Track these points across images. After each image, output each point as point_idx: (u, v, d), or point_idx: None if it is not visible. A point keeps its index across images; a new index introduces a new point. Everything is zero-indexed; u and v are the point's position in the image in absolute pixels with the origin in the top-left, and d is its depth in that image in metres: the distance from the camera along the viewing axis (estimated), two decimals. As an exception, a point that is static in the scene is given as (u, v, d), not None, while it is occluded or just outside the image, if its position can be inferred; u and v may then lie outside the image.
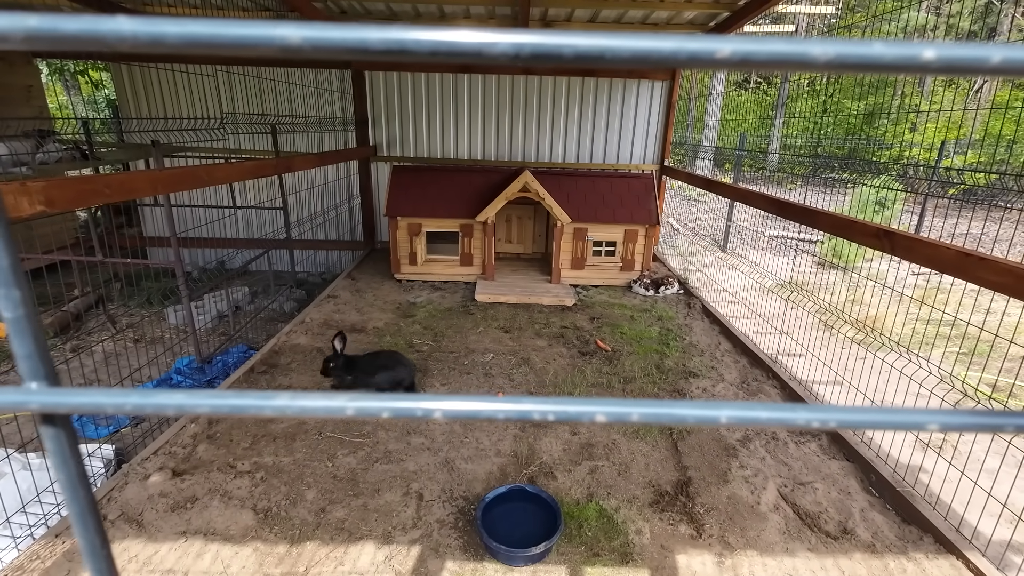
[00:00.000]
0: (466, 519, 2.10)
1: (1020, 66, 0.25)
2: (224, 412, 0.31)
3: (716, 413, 0.31)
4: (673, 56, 0.26)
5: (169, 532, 1.99)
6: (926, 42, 0.26)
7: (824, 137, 13.45)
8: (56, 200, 1.77)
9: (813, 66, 0.26)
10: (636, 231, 4.92)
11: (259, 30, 0.26)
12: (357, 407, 0.31)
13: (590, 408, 0.30)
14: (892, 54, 0.26)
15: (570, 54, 0.26)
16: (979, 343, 4.53)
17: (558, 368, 3.43)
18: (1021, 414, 0.30)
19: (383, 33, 0.26)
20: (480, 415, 0.31)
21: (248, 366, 3.29)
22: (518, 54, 0.26)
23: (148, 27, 0.25)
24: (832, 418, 0.31)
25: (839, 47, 0.26)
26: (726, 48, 0.26)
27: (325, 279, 6.26)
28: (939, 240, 2.01)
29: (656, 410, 0.30)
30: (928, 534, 2.09)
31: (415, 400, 0.32)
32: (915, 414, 0.32)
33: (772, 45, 0.26)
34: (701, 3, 4.34)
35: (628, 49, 0.26)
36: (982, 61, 0.26)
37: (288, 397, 0.31)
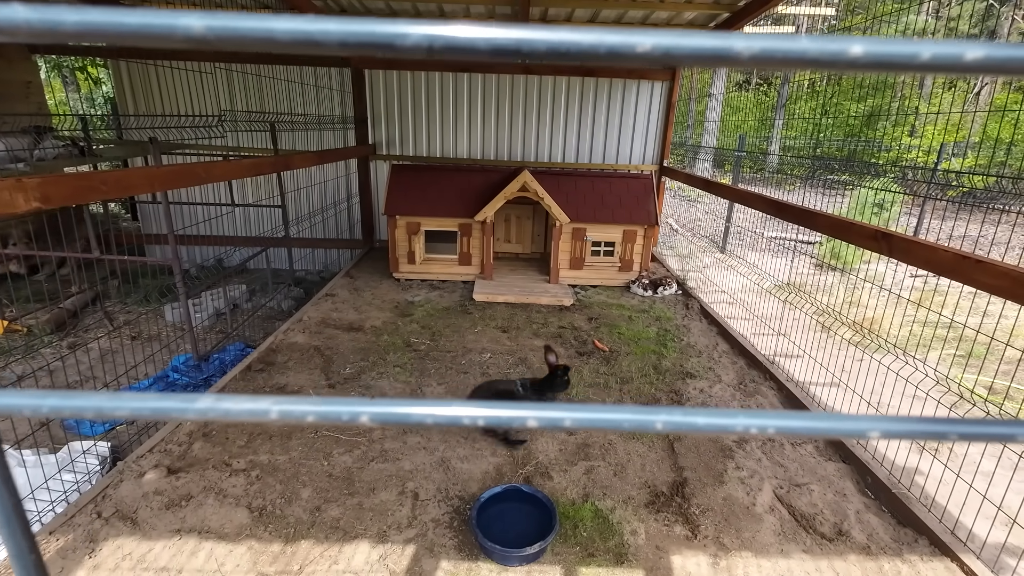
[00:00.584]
0: (461, 519, 2.10)
1: (950, 63, 0.25)
2: (145, 416, 0.30)
3: (652, 418, 0.31)
4: (593, 50, 0.26)
5: (164, 530, 1.98)
6: (854, 37, 0.25)
7: (824, 139, 13.46)
8: (52, 197, 1.77)
9: (738, 61, 0.26)
10: (635, 231, 4.92)
11: (161, 19, 0.25)
12: (280, 410, 0.31)
13: (519, 413, 0.30)
14: (817, 49, 0.25)
15: (485, 48, 0.26)
16: (976, 345, 4.54)
17: (555, 368, 3.43)
18: (966, 422, 0.30)
19: (289, 23, 0.25)
20: (409, 420, 0.31)
21: (245, 364, 3.29)
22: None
23: (45, 15, 0.24)
24: (771, 424, 0.31)
25: (764, 42, 0.25)
26: (647, 42, 0.26)
27: (323, 277, 6.25)
28: (936, 243, 2.01)
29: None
30: (923, 536, 2.09)
31: (340, 404, 0.31)
32: (858, 421, 0.31)
33: (696, 40, 0.26)
34: (701, 4, 4.34)
35: (545, 42, 0.26)
36: (911, 58, 0.25)
37: (212, 400, 0.31)
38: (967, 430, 0.31)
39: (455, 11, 4.79)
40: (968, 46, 0.25)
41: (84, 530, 1.96)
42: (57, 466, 2.58)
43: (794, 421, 0.31)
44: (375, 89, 6.04)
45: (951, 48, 0.25)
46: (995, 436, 0.31)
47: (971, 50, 0.25)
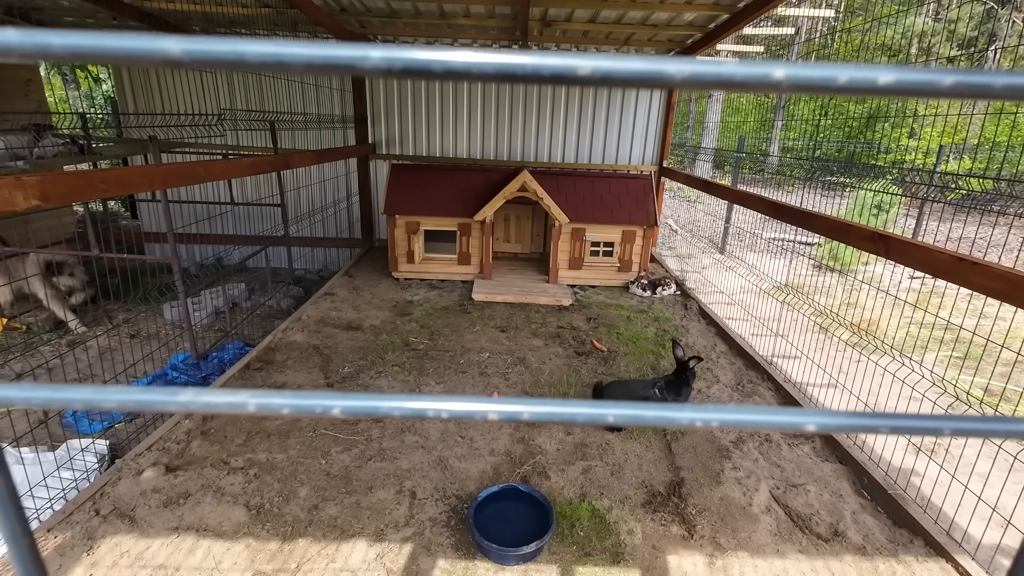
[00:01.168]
0: (458, 518, 2.11)
1: (865, 86, 0.27)
2: (131, 407, 0.31)
3: (604, 412, 0.32)
4: (536, 72, 0.28)
5: (161, 528, 1.99)
6: (776, 63, 0.27)
7: (823, 140, 13.47)
8: (51, 195, 1.77)
9: (671, 83, 0.27)
10: (634, 232, 4.92)
11: (142, 43, 0.26)
12: (258, 403, 0.32)
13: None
14: (744, 73, 0.27)
15: (439, 70, 0.28)
16: (973, 347, 4.55)
17: (554, 368, 3.44)
18: (894, 416, 0.31)
19: (260, 47, 0.27)
20: (378, 412, 0.32)
21: (244, 363, 3.29)
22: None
23: (33, 39, 0.26)
24: (714, 418, 0.32)
25: (694, 67, 0.27)
26: (587, 65, 0.27)
27: (322, 276, 6.26)
28: (933, 244, 2.02)
29: (546, 409, 0.31)
30: (919, 537, 2.10)
31: (313, 397, 0.32)
32: (797, 415, 0.33)
33: (631, 64, 0.27)
34: (700, 5, 4.34)
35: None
36: (829, 81, 0.27)
37: (193, 393, 0.32)
38: (896, 424, 0.32)
39: (455, 11, 4.80)
40: (881, 71, 0.27)
41: (82, 528, 1.97)
42: (56, 464, 2.59)
43: (734, 415, 0.32)
44: (375, 89, 6.04)
45: (865, 73, 0.27)
46: (920, 429, 0.32)
47: (883, 75, 0.27)
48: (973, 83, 0.27)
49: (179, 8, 4.74)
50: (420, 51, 0.28)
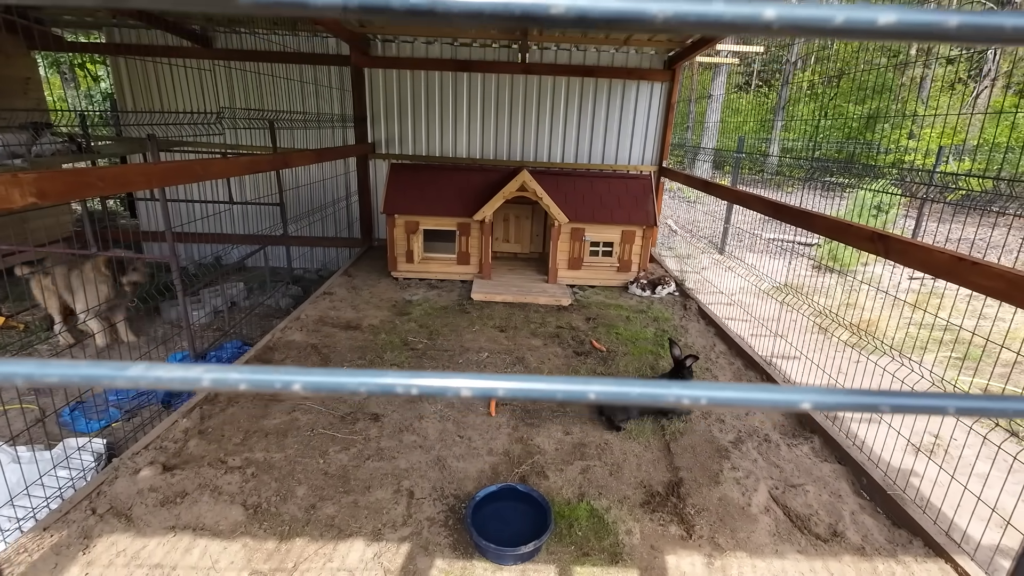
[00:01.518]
0: (456, 517, 2.10)
1: (864, 27, 0.25)
2: (75, 382, 0.30)
3: (584, 388, 0.31)
4: (507, 11, 0.27)
5: (158, 527, 1.98)
6: (768, 2, 0.26)
7: (823, 141, 13.47)
8: (48, 192, 1.76)
9: (652, 24, 0.26)
10: (633, 232, 4.92)
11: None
12: (213, 378, 0.31)
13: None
14: (733, 13, 0.26)
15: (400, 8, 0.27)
16: (972, 348, 4.55)
17: (553, 368, 3.43)
18: (895, 394, 0.31)
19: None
20: (344, 388, 0.31)
21: (242, 362, 3.28)
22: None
23: None
24: (703, 395, 0.32)
25: (677, 6, 0.26)
26: (561, 4, 0.26)
27: (321, 276, 6.25)
28: (932, 244, 2.02)
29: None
30: (918, 537, 2.10)
31: (272, 372, 0.32)
32: (792, 392, 0.32)
33: (609, 3, 0.26)
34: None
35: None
36: (825, 22, 0.26)
37: (143, 368, 0.31)
38: (897, 402, 0.31)
39: None
40: (881, 11, 0.26)
41: (79, 526, 1.96)
42: (52, 462, 2.58)
43: (725, 392, 0.32)
44: (375, 88, 6.03)
45: (863, 13, 0.26)
46: (923, 408, 0.31)
47: (884, 15, 0.26)
48: (981, 25, 0.25)
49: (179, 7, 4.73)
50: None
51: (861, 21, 0.25)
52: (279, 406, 2.82)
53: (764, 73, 25.12)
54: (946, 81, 17.07)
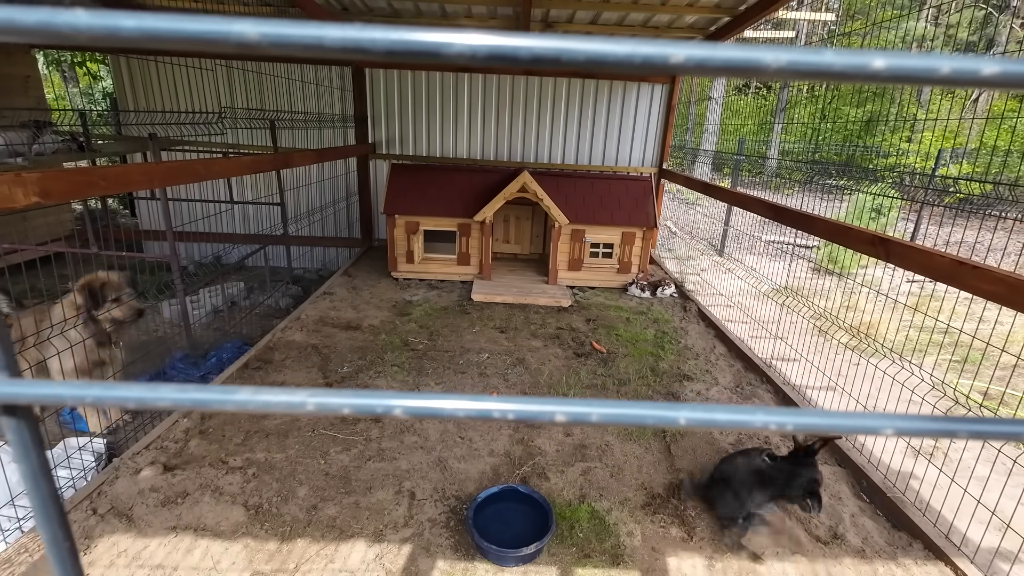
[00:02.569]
0: (458, 518, 2.10)
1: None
2: (187, 406, 0.31)
3: (674, 415, 0.31)
4: (628, 59, 0.27)
5: (159, 527, 1.98)
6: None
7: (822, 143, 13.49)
8: (51, 192, 1.76)
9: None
10: (633, 233, 4.93)
11: (215, 26, 0.26)
12: (317, 403, 0.31)
13: (549, 408, 0.31)
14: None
15: (526, 56, 0.27)
16: (971, 351, 4.56)
17: (553, 369, 3.44)
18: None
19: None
20: (442, 413, 0.31)
21: (242, 362, 3.28)
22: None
23: (104, 21, 0.25)
24: (789, 420, 0.32)
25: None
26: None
27: (322, 276, 6.25)
28: (933, 248, 2.03)
29: (614, 411, 0.31)
30: (918, 540, 2.10)
31: (373, 396, 0.32)
32: (871, 419, 0.32)
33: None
34: (702, 7, 4.35)
35: (584, 52, 0.27)
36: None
37: (250, 392, 0.31)
38: (975, 428, 0.31)
39: (456, 11, 4.80)
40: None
41: (79, 527, 1.96)
42: (52, 462, 2.57)
43: (807, 418, 0.32)
44: (375, 88, 6.04)
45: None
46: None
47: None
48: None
49: (180, 6, 4.73)
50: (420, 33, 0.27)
51: (966, 71, 0.26)
52: (280, 406, 2.82)
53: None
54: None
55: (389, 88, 6.05)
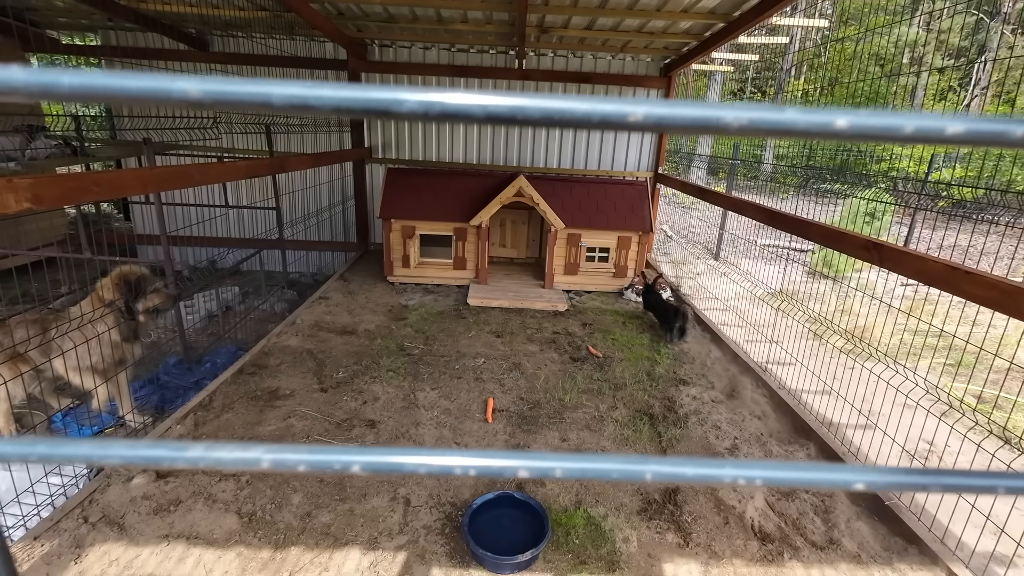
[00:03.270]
0: (453, 525, 2.09)
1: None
2: (139, 463, 0.30)
3: (641, 468, 0.31)
4: (587, 117, 0.27)
5: (151, 535, 1.96)
6: (839, 109, 0.27)
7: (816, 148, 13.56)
8: (44, 197, 1.75)
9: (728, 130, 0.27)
10: (629, 238, 4.94)
11: (157, 83, 0.26)
12: (272, 459, 0.31)
13: (513, 463, 0.30)
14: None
15: (480, 114, 0.28)
16: (965, 355, 4.58)
17: (549, 373, 3.43)
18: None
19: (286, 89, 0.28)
20: (403, 468, 0.31)
21: (237, 367, 3.26)
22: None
23: (41, 77, 0.25)
24: (759, 475, 0.32)
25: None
26: (639, 111, 0.27)
27: (317, 280, 6.23)
28: (927, 253, 2.04)
29: (580, 465, 0.31)
30: (913, 545, 2.11)
31: (330, 453, 0.32)
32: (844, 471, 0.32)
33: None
34: (697, 13, 4.38)
35: (540, 109, 0.27)
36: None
37: (203, 448, 0.31)
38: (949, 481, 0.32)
39: (452, 16, 4.81)
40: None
41: (70, 535, 1.94)
42: (44, 470, 2.55)
43: (780, 472, 0.32)
44: (372, 92, 6.03)
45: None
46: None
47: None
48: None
49: (175, 10, 4.73)
50: (457, 94, 0.28)
51: (930, 129, 0.26)
52: (274, 412, 2.80)
53: (758, 80, 25.34)
54: (938, 89, 17.28)
55: (385, 92, 6.05)
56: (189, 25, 5.55)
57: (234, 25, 5.43)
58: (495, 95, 0.27)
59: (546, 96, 0.27)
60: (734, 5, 4.16)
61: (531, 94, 0.28)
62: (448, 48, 5.96)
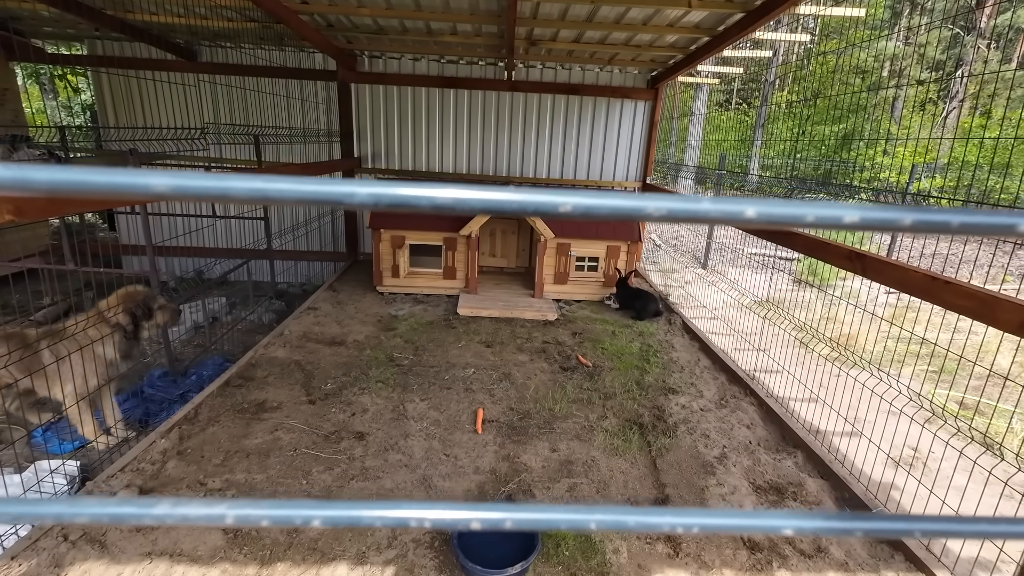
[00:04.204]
0: (442, 539, 2.07)
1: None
2: (106, 521, 0.31)
3: (587, 517, 0.33)
4: (522, 208, 0.32)
5: (133, 553, 1.92)
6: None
7: (801, 158, 13.83)
8: (26, 210, 1.73)
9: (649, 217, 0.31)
10: (618, 247, 4.97)
11: (127, 179, 0.27)
12: (236, 515, 0.32)
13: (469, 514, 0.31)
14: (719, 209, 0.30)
15: (427, 205, 0.33)
16: (947, 361, 4.66)
17: (539, 383, 3.43)
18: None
19: (245, 183, 0.29)
20: (361, 522, 0.31)
21: (223, 379, 3.22)
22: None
23: (16, 174, 0.26)
24: (696, 523, 0.34)
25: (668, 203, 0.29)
26: (569, 202, 0.29)
27: (306, 290, 6.18)
28: (908, 264, 2.08)
29: (528, 515, 0.32)
30: (899, 552, 2.13)
31: (292, 507, 0.32)
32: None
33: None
34: (682, 27, 4.46)
35: (480, 200, 0.32)
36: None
37: (169, 505, 0.31)
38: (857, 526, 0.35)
39: (442, 28, 4.85)
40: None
41: (49, 554, 1.89)
42: (23, 486, 2.49)
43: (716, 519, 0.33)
44: (361, 103, 6.05)
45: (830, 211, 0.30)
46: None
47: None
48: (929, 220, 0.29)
49: (163, 21, 4.71)
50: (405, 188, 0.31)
51: (828, 218, 0.29)
52: (261, 425, 2.77)
53: (743, 92, 25.80)
54: (917, 101, 17.72)
55: (375, 102, 6.07)
56: (177, 36, 5.54)
57: (223, 36, 5.42)
58: (439, 188, 0.31)
59: (483, 189, 0.30)
60: (718, 20, 4.24)
61: (472, 186, 0.31)
62: (438, 59, 6.00)
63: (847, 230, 0.29)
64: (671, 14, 4.17)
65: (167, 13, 4.52)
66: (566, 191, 0.30)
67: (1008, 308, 1.62)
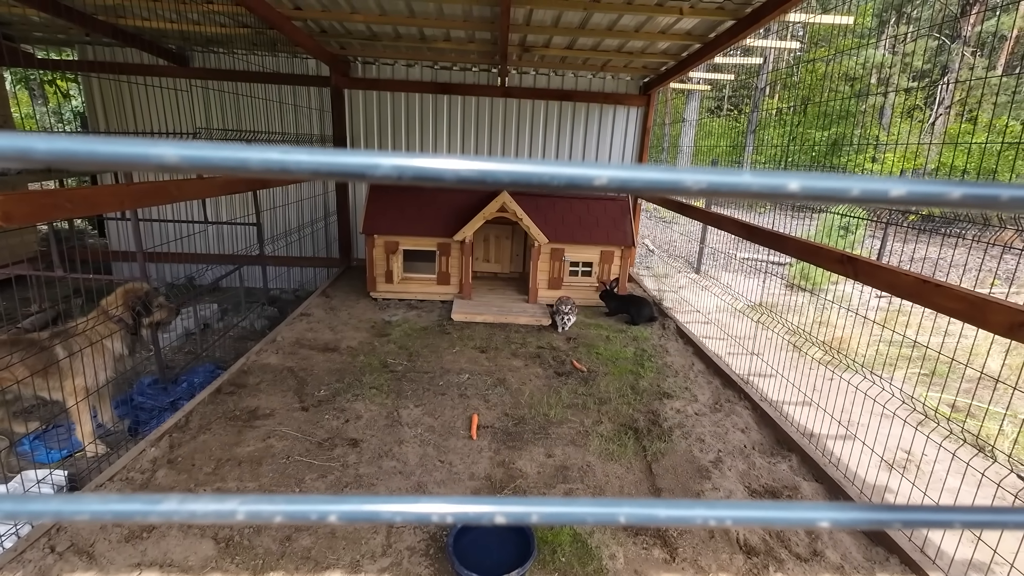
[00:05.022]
0: (438, 546, 2.05)
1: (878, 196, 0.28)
2: (108, 519, 0.30)
3: (615, 511, 0.32)
4: (552, 179, 0.30)
5: (122, 564, 1.88)
6: (791, 172, 0.30)
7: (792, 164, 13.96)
8: (14, 215, 1.71)
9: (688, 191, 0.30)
10: (612, 252, 4.99)
11: (135, 149, 0.27)
12: (247, 511, 0.31)
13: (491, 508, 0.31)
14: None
15: (452, 178, 0.30)
16: (938, 364, 4.70)
17: (534, 389, 3.42)
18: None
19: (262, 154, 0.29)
20: (379, 517, 0.31)
21: (215, 386, 3.19)
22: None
23: (16, 143, 0.25)
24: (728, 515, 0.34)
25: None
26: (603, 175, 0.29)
27: (299, 296, 6.14)
28: (898, 267, 2.10)
29: (556, 509, 0.31)
30: (894, 555, 2.13)
31: (306, 502, 0.31)
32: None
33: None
34: (674, 35, 4.50)
35: (508, 172, 0.30)
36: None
37: (176, 502, 0.30)
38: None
39: (435, 35, 4.87)
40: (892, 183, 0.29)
41: (35, 567, 1.85)
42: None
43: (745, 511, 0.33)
44: (354, 108, 6.05)
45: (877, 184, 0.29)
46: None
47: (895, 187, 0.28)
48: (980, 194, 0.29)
49: (155, 26, 4.70)
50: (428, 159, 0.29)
51: (875, 191, 0.29)
52: (253, 432, 2.74)
53: (734, 98, 26.06)
54: (905, 108, 17.98)
55: (368, 108, 6.07)
56: (169, 41, 5.52)
57: (215, 41, 5.41)
58: (466, 160, 0.30)
59: (512, 161, 0.29)
60: (710, 27, 4.29)
61: (499, 159, 0.30)
62: (431, 66, 6.01)
63: (893, 205, 0.29)
64: (663, 21, 4.21)
65: (159, 19, 4.50)
66: (601, 164, 0.29)
67: (998, 310, 1.63)
